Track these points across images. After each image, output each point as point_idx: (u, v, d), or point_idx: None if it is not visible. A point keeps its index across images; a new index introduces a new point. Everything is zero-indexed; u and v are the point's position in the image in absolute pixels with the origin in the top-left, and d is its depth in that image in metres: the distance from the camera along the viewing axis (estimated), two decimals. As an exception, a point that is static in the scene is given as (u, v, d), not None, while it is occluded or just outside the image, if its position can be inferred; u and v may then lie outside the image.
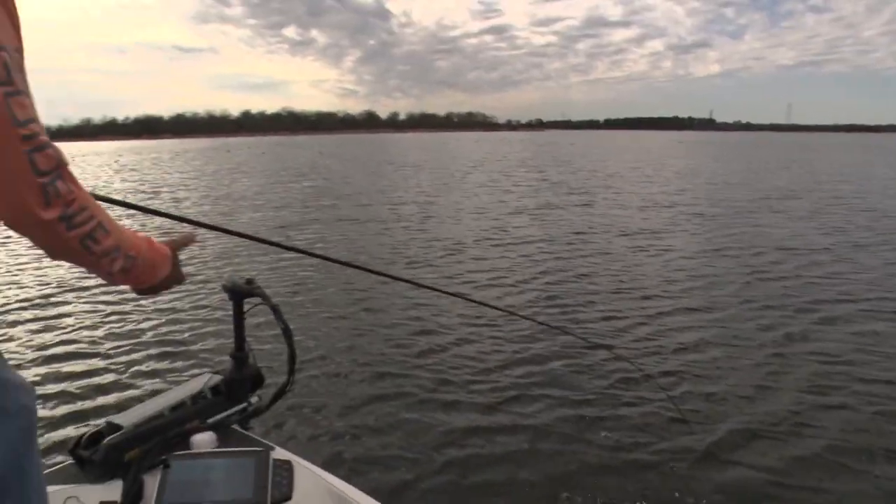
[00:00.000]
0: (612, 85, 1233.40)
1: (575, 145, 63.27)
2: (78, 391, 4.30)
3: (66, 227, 0.86)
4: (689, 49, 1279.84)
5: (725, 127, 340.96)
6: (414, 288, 6.56)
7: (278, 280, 7.51)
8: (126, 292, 6.15)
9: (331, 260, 1.92)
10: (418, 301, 6.38)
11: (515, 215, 13.03)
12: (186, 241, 1.27)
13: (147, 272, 1.07)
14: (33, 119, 0.81)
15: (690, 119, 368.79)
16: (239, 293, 1.67)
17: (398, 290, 6.78)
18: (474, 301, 5.30)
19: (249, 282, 1.68)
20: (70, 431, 3.64)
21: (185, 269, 1.23)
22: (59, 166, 0.83)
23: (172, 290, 1.28)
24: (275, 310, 1.63)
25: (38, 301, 6.83)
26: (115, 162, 41.51)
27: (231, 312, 1.70)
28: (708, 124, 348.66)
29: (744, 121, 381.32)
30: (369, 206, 14.74)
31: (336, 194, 17.57)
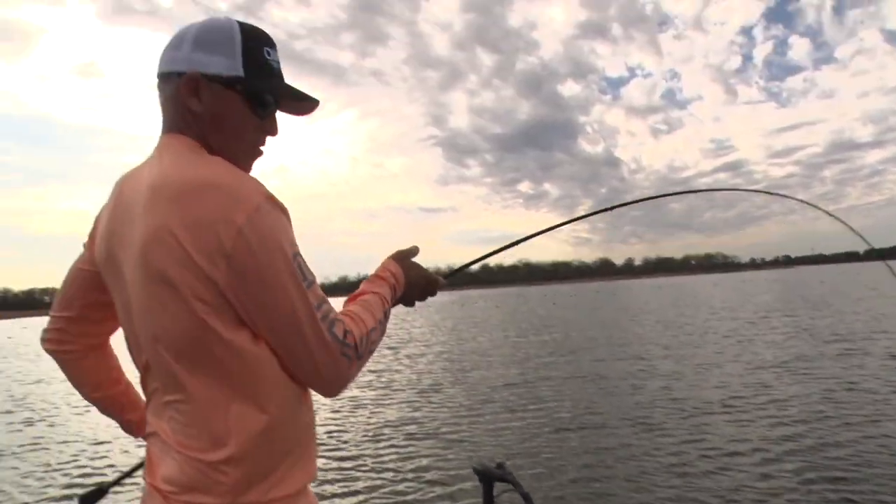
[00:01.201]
0: (870, 210, 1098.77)
1: (825, 283, 55.45)
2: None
3: (360, 365, 1.14)
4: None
5: None
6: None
7: (530, 460, 6.56)
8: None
9: None
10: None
11: (763, 370, 11.12)
12: (410, 252, 1.44)
13: (392, 300, 1.35)
14: (324, 300, 1.08)
15: None
16: (489, 477, 1.66)
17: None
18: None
19: (500, 466, 1.66)
20: None
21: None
22: (341, 325, 1.11)
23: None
24: (526, 497, 1.59)
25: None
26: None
27: (481, 499, 1.68)
28: None
29: None
30: (604, 360, 13.81)
31: (570, 348, 16.94)
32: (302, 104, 1.25)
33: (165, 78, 1.16)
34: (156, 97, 1.19)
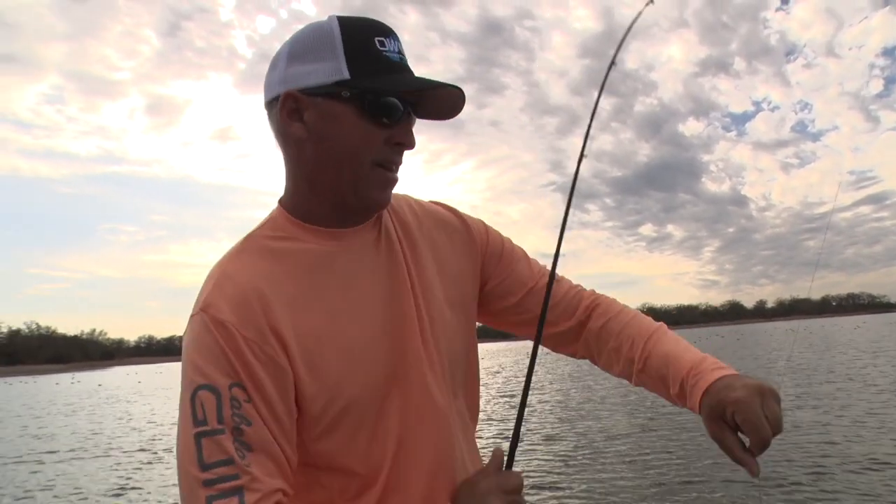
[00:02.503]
0: None
1: None
2: None
3: None
4: None
5: None
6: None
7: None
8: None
9: None
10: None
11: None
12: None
13: None
14: (225, 461, 0.82)
15: None
16: None
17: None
18: None
19: None
20: None
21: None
22: None
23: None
24: None
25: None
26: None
27: None
28: None
29: None
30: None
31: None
32: (443, 104, 1.00)
33: (269, 109, 0.99)
34: (280, 155, 1.03)
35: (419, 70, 0.98)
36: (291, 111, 0.95)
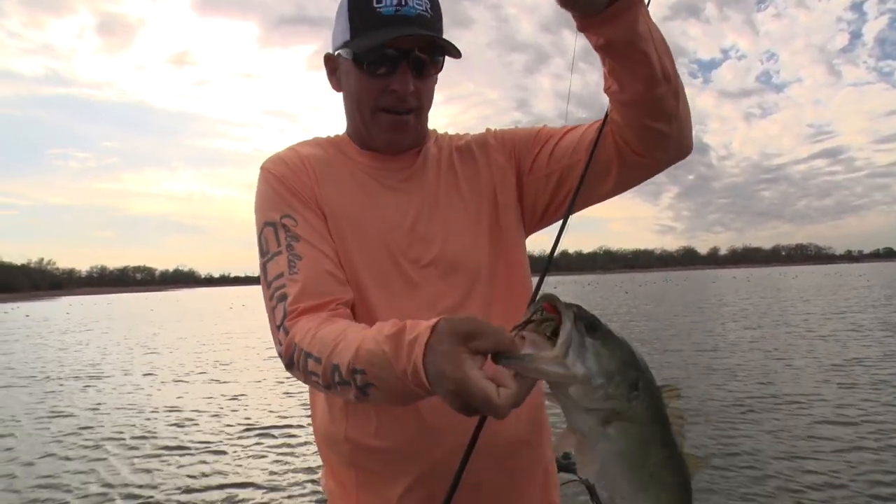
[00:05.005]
0: None
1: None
2: None
3: (290, 366, 1.02)
4: None
5: None
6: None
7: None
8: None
9: None
10: None
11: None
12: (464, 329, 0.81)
13: (388, 384, 0.88)
14: (277, 276, 1.07)
15: None
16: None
17: None
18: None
19: (566, 456, 1.67)
20: None
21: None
22: (281, 308, 1.04)
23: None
24: (590, 490, 1.67)
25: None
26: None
27: None
28: None
29: None
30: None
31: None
32: (438, 47, 1.14)
33: None
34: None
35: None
36: (330, 69, 1.24)
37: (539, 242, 1.35)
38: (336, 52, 1.19)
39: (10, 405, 10.16)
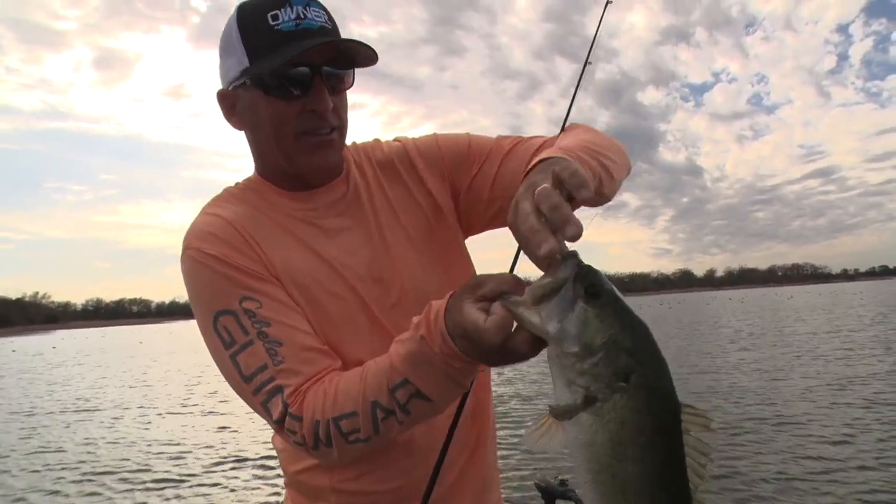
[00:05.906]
0: None
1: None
2: None
3: (329, 453, 0.93)
4: None
5: None
6: None
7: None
8: None
9: None
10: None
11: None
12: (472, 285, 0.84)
13: (427, 385, 0.87)
14: (259, 369, 0.96)
15: None
16: (551, 493, 1.63)
17: None
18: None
19: (563, 483, 1.67)
20: None
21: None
22: (278, 402, 0.94)
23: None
24: None
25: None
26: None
27: None
28: None
29: None
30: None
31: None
32: (356, 53, 1.07)
33: None
34: None
35: (378, 29, 0.87)
36: (227, 107, 1.12)
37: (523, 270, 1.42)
38: (231, 87, 1.08)
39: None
